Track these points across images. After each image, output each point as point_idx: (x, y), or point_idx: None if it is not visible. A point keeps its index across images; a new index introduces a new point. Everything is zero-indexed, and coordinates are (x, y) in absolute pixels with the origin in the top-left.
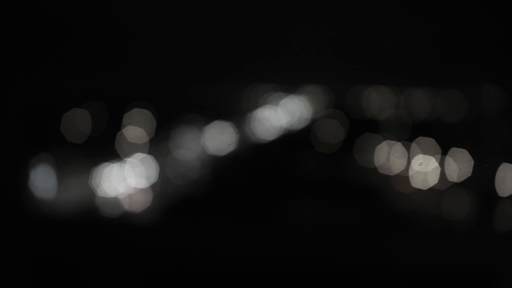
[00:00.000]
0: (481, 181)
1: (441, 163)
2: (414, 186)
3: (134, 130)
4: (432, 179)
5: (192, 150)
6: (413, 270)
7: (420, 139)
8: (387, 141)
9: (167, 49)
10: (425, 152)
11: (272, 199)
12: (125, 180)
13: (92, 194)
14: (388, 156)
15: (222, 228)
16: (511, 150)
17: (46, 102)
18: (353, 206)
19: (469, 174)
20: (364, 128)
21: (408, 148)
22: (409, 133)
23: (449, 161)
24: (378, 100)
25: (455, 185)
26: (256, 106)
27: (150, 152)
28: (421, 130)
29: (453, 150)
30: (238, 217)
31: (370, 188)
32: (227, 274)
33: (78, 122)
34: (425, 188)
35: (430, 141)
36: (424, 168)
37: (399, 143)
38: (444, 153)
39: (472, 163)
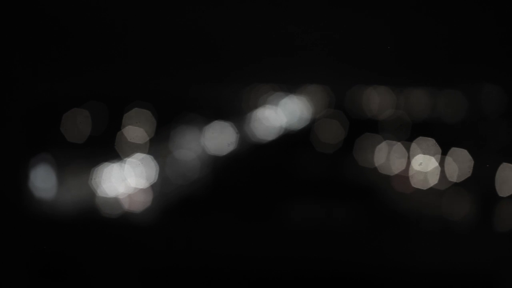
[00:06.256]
0: (481, 181)
1: (441, 163)
2: (414, 186)
3: (134, 130)
4: (432, 179)
5: (192, 150)
6: (413, 270)
7: (420, 139)
8: (387, 141)
9: (167, 49)
10: (425, 152)
11: (272, 199)
12: (125, 180)
13: (92, 194)
14: (388, 156)
15: (222, 228)
16: (511, 150)
17: (46, 102)
18: (353, 206)
19: (469, 174)
20: (364, 128)
21: (408, 148)
22: (409, 133)
23: (449, 161)
24: (378, 100)
25: (455, 185)
26: (256, 106)
27: (150, 152)
28: (421, 130)
29: (453, 150)
30: (238, 217)
31: (370, 188)
32: (227, 274)
33: (78, 122)
34: (425, 188)
35: (430, 141)
36: (424, 168)
37: (399, 143)
38: (444, 153)
39: (472, 163)
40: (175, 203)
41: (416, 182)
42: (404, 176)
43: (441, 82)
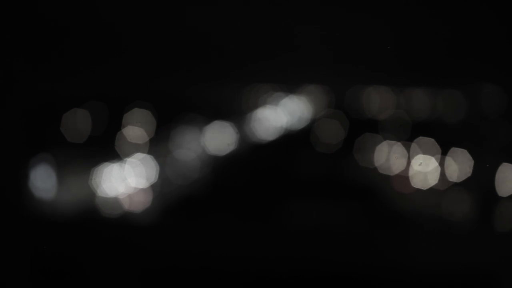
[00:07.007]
0: (481, 181)
1: (441, 163)
2: (414, 186)
3: (134, 130)
4: (432, 179)
5: (192, 150)
6: (413, 270)
7: (420, 139)
8: (387, 141)
9: (167, 49)
10: (425, 152)
11: (272, 199)
12: (125, 180)
13: (92, 194)
14: (388, 156)
15: (222, 228)
16: (511, 150)
17: (46, 102)
18: (353, 206)
19: (469, 174)
20: (364, 128)
21: (408, 148)
22: (409, 133)
23: (449, 161)
24: (378, 100)
25: (455, 185)
26: (256, 106)
27: (150, 152)
28: (421, 130)
29: (453, 150)
30: (238, 217)
31: (370, 188)
32: (227, 274)
33: (78, 122)
34: (425, 188)
35: (430, 141)
36: (424, 168)
37: (399, 143)
38: (444, 153)
39: (472, 163)
40: (175, 203)
41: (416, 182)
42: (404, 176)
43: (441, 82)
